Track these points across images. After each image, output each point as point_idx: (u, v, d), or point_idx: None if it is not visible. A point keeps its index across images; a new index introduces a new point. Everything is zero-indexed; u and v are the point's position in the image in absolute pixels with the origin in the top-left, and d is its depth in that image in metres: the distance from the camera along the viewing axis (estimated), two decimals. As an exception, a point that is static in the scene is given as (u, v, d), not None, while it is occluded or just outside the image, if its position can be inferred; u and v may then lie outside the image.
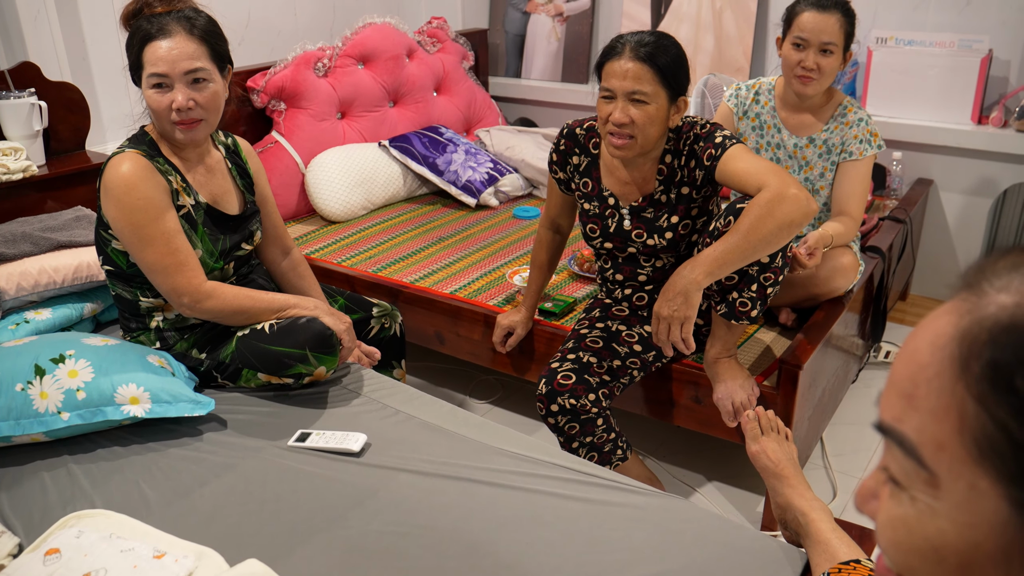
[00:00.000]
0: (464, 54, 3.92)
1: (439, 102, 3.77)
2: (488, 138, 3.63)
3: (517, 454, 1.67)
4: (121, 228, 1.78)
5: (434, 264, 2.81)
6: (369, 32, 3.51)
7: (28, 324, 2.10)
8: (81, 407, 1.69)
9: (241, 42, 3.52)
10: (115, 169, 1.76)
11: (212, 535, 1.46)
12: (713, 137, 1.91)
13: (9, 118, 2.59)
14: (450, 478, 1.59)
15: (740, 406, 1.97)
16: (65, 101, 2.78)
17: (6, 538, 1.46)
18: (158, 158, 1.83)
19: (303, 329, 1.82)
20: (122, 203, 1.75)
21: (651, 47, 1.85)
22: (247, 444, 1.72)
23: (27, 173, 2.52)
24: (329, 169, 3.20)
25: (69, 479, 1.64)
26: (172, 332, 1.93)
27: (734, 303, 1.91)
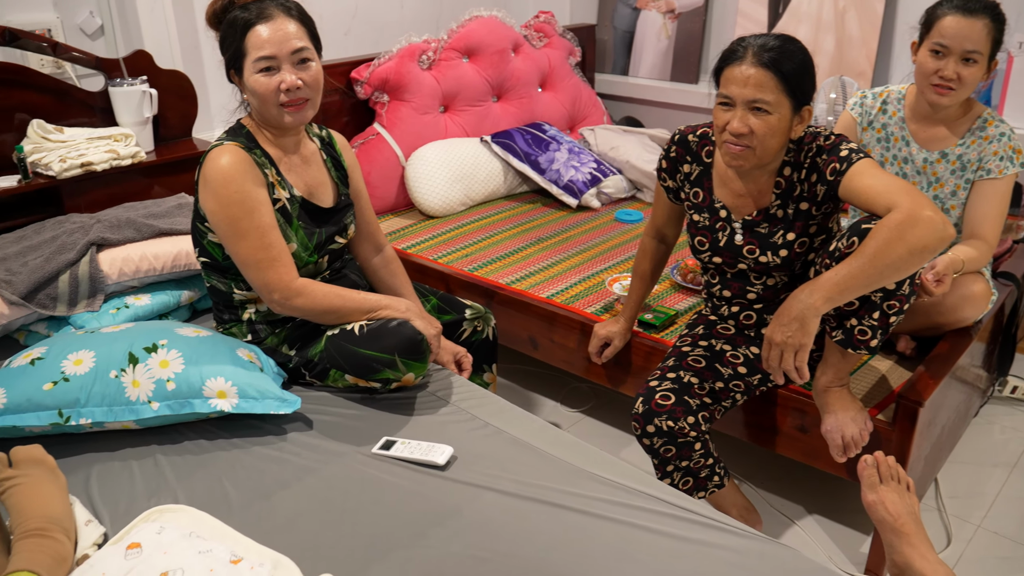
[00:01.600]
0: (571, 49, 3.83)
1: (543, 98, 3.69)
2: (592, 137, 3.53)
3: (610, 480, 1.57)
4: (217, 221, 1.77)
5: (531, 266, 2.73)
6: (475, 25, 3.45)
7: (128, 309, 2.12)
8: (170, 398, 1.68)
9: (347, 32, 3.52)
10: (214, 161, 1.75)
11: (290, 542, 1.42)
12: (838, 150, 1.77)
13: (121, 105, 2.64)
14: (537, 501, 1.51)
15: (851, 441, 1.83)
16: (175, 89, 2.82)
17: (92, 527, 1.45)
18: (255, 150, 1.81)
19: (393, 333, 1.77)
20: (219, 196, 1.74)
21: (775, 52, 1.72)
22: (331, 448, 1.68)
23: (135, 159, 2.56)
24: (429, 163, 3.16)
25: (156, 470, 1.63)
26: (264, 325, 1.91)
27: (852, 331, 1.77)
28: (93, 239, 2.14)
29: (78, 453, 1.68)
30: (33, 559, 1.29)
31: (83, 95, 2.69)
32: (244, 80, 1.77)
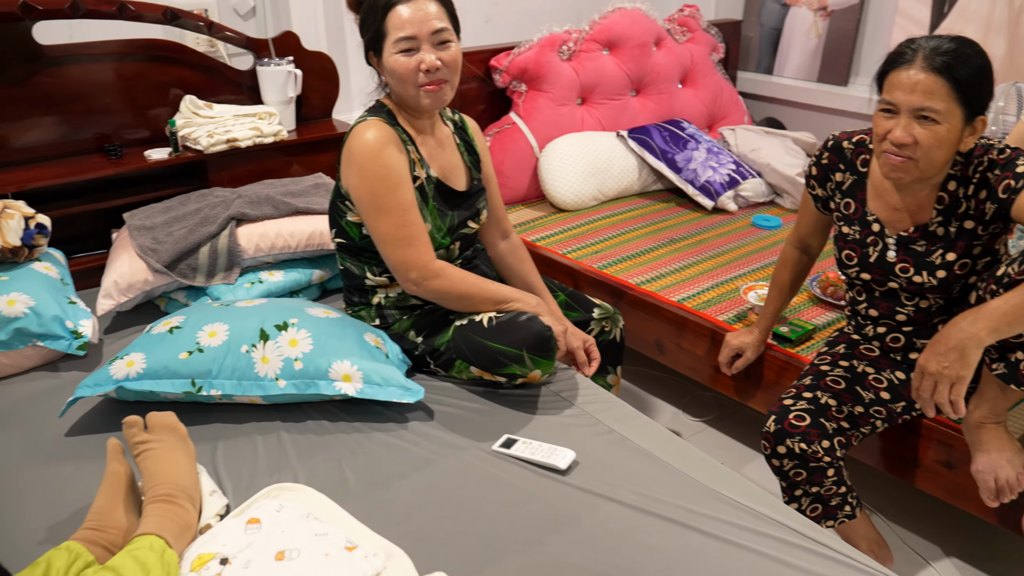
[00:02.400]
0: (714, 45, 3.70)
1: (683, 95, 3.58)
2: (732, 137, 3.40)
3: (737, 502, 1.49)
4: (360, 196, 1.77)
5: (663, 267, 2.65)
6: (618, 17, 3.38)
7: (261, 284, 2.16)
8: (297, 377, 1.70)
9: (488, 20, 3.51)
10: (360, 136, 1.75)
11: (404, 534, 1.40)
12: (1015, 165, 1.62)
13: (268, 84, 2.70)
14: (659, 517, 1.44)
15: (1005, 484, 1.68)
16: (319, 70, 2.86)
17: (216, 498, 1.48)
18: (397, 127, 1.80)
19: (522, 328, 1.73)
20: (364, 171, 1.74)
21: (950, 56, 1.57)
22: (451, 441, 1.66)
23: (277, 137, 2.61)
24: (563, 155, 3.11)
25: (279, 447, 1.65)
26: (393, 311, 1.91)
27: (1017, 365, 1.61)
28: (233, 214, 2.19)
29: (207, 423, 1.72)
30: (161, 524, 1.32)
31: (233, 73, 2.77)
32: (383, 61, 1.77)
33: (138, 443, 1.46)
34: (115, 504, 1.39)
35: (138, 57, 2.59)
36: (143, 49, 2.60)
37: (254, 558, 1.33)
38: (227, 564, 1.32)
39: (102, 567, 1.22)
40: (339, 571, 1.29)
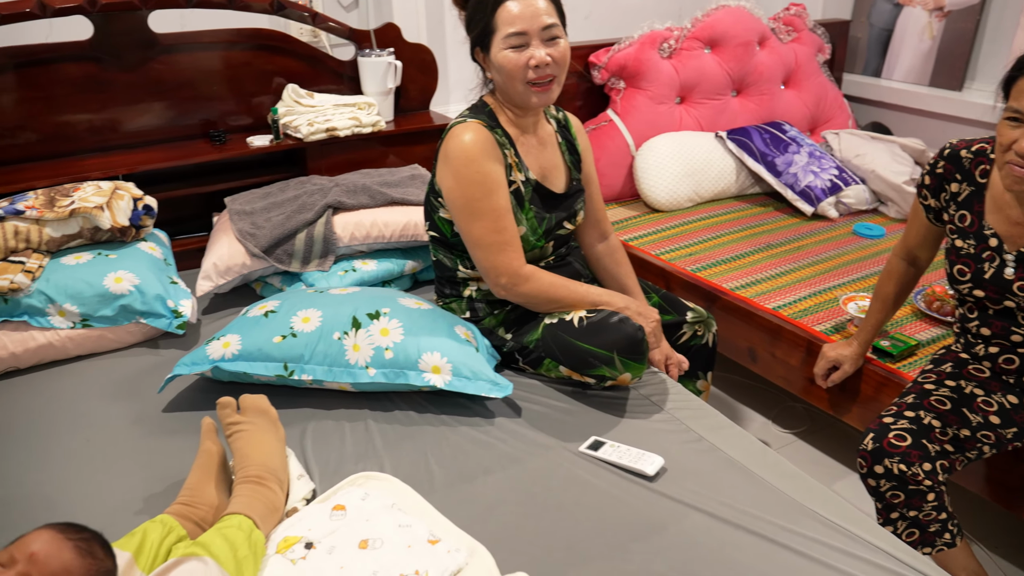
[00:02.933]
0: (820, 46, 3.58)
1: (785, 96, 3.48)
2: (836, 142, 3.28)
3: (830, 521, 1.43)
4: (454, 199, 1.76)
5: (758, 273, 2.58)
6: (721, 15, 3.30)
7: (355, 273, 2.19)
8: (387, 366, 1.70)
9: (588, 16, 3.47)
10: (457, 138, 1.74)
11: (487, 531, 1.39)
12: None
13: (368, 74, 2.73)
14: (748, 532, 1.40)
15: None
16: (418, 62, 2.88)
17: (304, 482, 1.50)
18: (497, 129, 1.79)
19: (613, 329, 1.70)
20: (460, 174, 1.73)
21: None
22: (537, 439, 1.64)
23: (375, 127, 2.64)
24: (660, 154, 3.06)
25: (366, 435, 1.66)
26: (483, 304, 1.90)
27: None
28: (330, 202, 2.22)
29: (297, 407, 1.74)
30: (250, 505, 1.34)
31: (334, 63, 2.81)
32: (491, 57, 1.75)
33: (231, 424, 1.49)
34: (207, 482, 1.43)
35: (244, 46, 2.66)
36: (249, 38, 2.66)
37: (338, 544, 1.34)
38: (312, 548, 1.34)
39: (193, 542, 1.25)
40: (421, 564, 1.29)
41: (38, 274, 1.97)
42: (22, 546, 0.98)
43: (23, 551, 0.98)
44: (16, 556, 0.97)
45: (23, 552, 0.97)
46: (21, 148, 2.51)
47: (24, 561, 0.96)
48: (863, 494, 1.79)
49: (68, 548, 1.00)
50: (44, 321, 1.94)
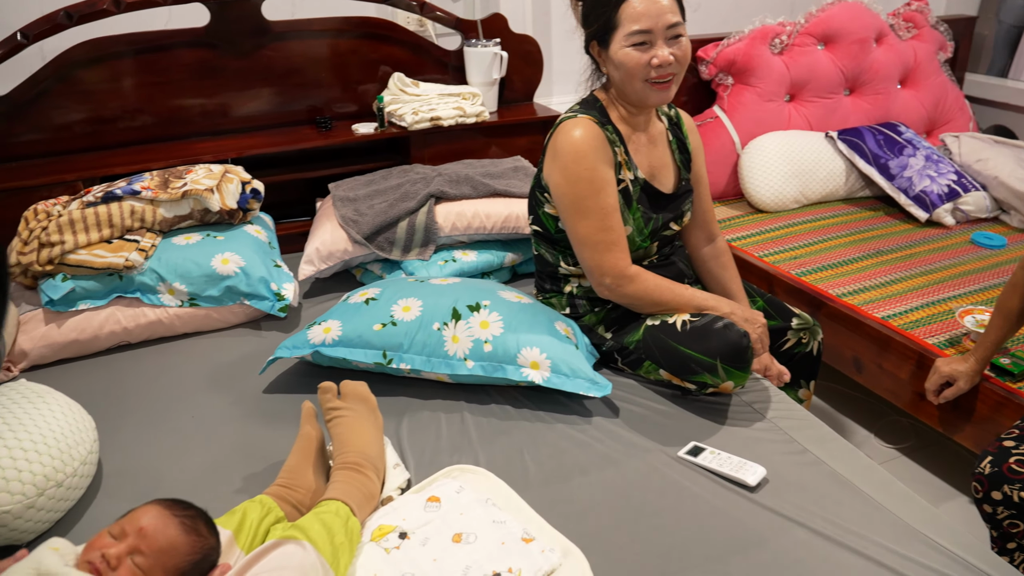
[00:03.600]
0: (942, 44, 3.42)
1: (902, 96, 3.33)
2: (956, 145, 3.13)
3: (943, 547, 1.35)
4: (561, 195, 1.74)
5: (867, 280, 2.47)
6: (837, 10, 3.18)
7: (455, 263, 2.19)
8: (485, 359, 1.69)
9: (696, 9, 3.39)
10: (567, 134, 1.71)
11: (582, 532, 1.37)
12: None
13: (473, 64, 2.72)
14: (855, 552, 1.33)
15: None
16: (523, 53, 2.86)
17: (399, 472, 1.50)
18: (607, 126, 1.75)
19: (717, 335, 1.65)
20: (568, 171, 1.71)
21: None
22: (635, 441, 1.61)
23: (479, 118, 2.63)
24: (767, 153, 2.97)
25: (461, 427, 1.65)
26: (584, 301, 1.87)
27: None
28: (433, 191, 2.22)
29: (394, 395, 1.75)
30: (347, 492, 1.35)
31: (440, 52, 2.81)
32: (610, 53, 1.71)
33: (331, 409, 1.50)
34: (305, 465, 1.44)
35: (352, 34, 2.68)
36: (357, 26, 2.68)
37: (432, 536, 1.34)
38: (406, 538, 1.34)
39: (291, 526, 1.26)
40: (514, 562, 1.27)
41: (151, 253, 2.03)
42: (132, 520, 1.01)
43: (133, 525, 1.00)
44: (127, 530, 1.00)
45: (133, 526, 1.00)
46: (138, 131, 2.60)
47: (134, 535, 0.98)
48: (971, 518, 1.69)
49: (175, 525, 1.02)
50: (155, 298, 2.00)
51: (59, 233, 1.97)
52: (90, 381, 1.88)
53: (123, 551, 0.97)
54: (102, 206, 2.04)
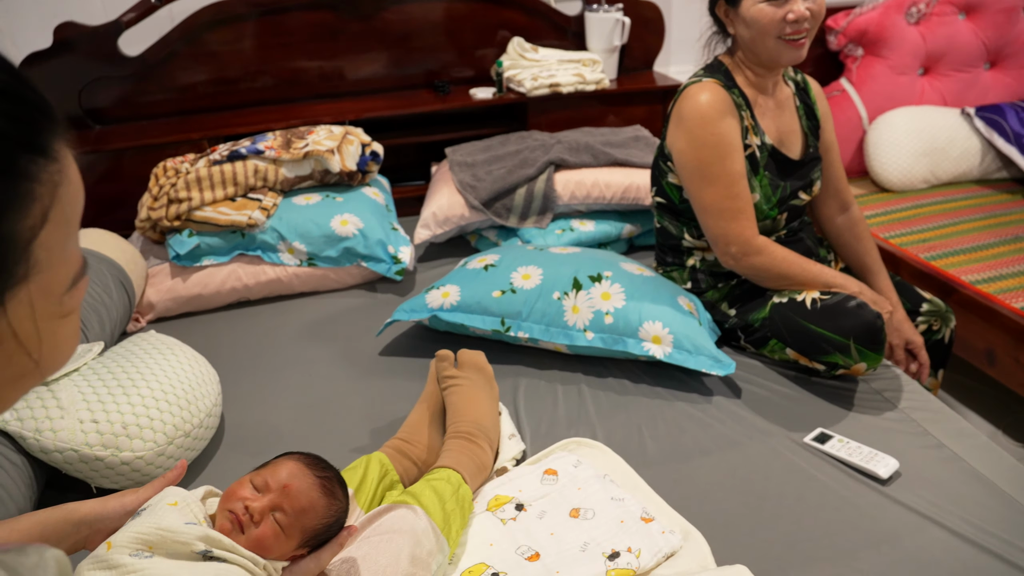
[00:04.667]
0: (1097, 17, 3.16)
1: (1049, 72, 3.11)
2: (1108, 126, 2.90)
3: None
4: (685, 162, 1.68)
5: (1004, 267, 2.32)
6: (982, -23, 2.98)
7: (572, 233, 2.15)
8: (606, 331, 1.66)
9: (829, -25, 3.23)
10: (693, 99, 1.65)
11: (702, 515, 1.33)
12: None
13: (594, 30, 2.66)
14: (996, 556, 1.25)
15: None
16: (644, 20, 2.78)
17: (514, 443, 1.48)
18: (733, 90, 1.68)
19: (851, 314, 1.57)
20: (693, 136, 1.65)
21: None
22: (758, 424, 1.55)
23: (599, 85, 2.57)
24: (896, 130, 2.82)
25: (578, 400, 1.63)
26: (707, 276, 1.82)
27: None
28: (553, 158, 2.19)
29: (509, 363, 1.73)
30: (460, 461, 1.34)
31: (560, 18, 2.76)
32: (740, 11, 1.64)
33: (447, 377, 1.50)
34: (425, 422, 1.45)
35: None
36: (477, -10, 2.66)
37: (549, 510, 1.32)
38: (522, 510, 1.32)
39: (405, 492, 1.26)
40: (634, 541, 1.24)
41: (272, 212, 2.06)
42: (275, 474, 1.02)
43: (276, 480, 1.01)
44: (270, 484, 1.00)
45: (277, 481, 1.01)
46: (259, 92, 2.64)
47: (277, 492, 0.99)
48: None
49: (316, 486, 1.02)
50: (275, 257, 2.03)
51: (187, 190, 2.02)
52: (211, 335, 1.92)
53: (266, 506, 0.98)
54: (227, 164, 2.08)
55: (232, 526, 0.96)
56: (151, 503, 0.99)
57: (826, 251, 1.95)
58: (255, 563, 0.93)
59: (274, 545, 0.97)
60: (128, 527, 0.94)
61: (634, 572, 1.20)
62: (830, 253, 1.96)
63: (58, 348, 0.52)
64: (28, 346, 0.50)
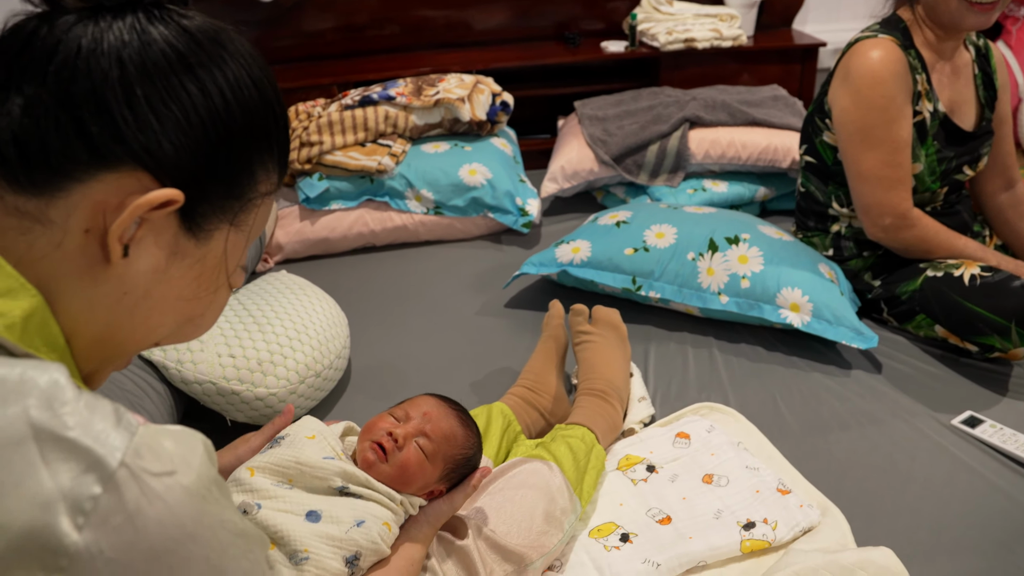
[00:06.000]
0: None
1: None
2: None
3: None
4: (847, 122, 1.58)
5: None
6: None
7: (704, 193, 2.08)
8: (741, 296, 1.60)
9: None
10: (863, 55, 1.55)
11: (840, 492, 1.27)
12: None
13: (735, -17, 2.55)
14: None
15: None
16: (786, -26, 2.65)
17: (644, 405, 1.45)
18: (910, 50, 1.57)
19: (1014, 294, 1.46)
20: (860, 96, 1.55)
21: None
22: (900, 402, 1.47)
23: (736, 42, 2.47)
24: (1057, 100, 2.62)
25: (710, 365, 1.58)
26: (851, 244, 1.72)
27: None
28: (688, 115, 2.11)
29: (639, 323, 1.69)
30: (593, 419, 1.31)
31: (697, -30, 2.66)
32: None
33: (581, 332, 1.47)
34: (549, 369, 1.43)
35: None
36: (614, -61, 2.58)
37: (681, 473, 1.29)
38: (654, 472, 1.29)
39: (539, 445, 1.24)
40: (770, 513, 1.20)
41: (401, 158, 2.06)
42: (414, 406, 1.01)
43: (417, 410, 1.00)
44: (411, 413, 1.00)
45: (417, 411, 1.00)
46: (385, 39, 2.64)
47: (419, 418, 0.99)
48: None
49: (453, 416, 1.02)
50: (402, 204, 2.04)
51: (318, 133, 2.03)
52: (337, 279, 1.94)
53: (411, 431, 0.97)
54: (359, 109, 2.08)
55: (375, 456, 0.95)
56: (290, 433, 0.99)
57: (980, 226, 1.83)
58: (391, 499, 0.93)
59: (418, 473, 0.96)
60: (268, 454, 0.95)
61: (769, 544, 1.16)
62: (985, 229, 1.83)
63: (216, 307, 0.62)
64: (227, 278, 0.61)
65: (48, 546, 0.43)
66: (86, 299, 0.53)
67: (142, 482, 0.45)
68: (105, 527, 0.44)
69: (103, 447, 0.45)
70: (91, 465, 0.44)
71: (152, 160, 0.52)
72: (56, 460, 0.44)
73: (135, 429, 0.47)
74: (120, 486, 0.45)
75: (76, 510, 0.43)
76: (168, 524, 0.46)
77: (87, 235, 0.51)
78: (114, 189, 0.51)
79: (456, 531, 1.01)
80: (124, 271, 0.53)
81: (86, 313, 0.54)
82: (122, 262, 0.53)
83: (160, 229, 0.54)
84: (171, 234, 0.55)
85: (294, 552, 0.85)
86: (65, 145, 0.50)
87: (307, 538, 0.86)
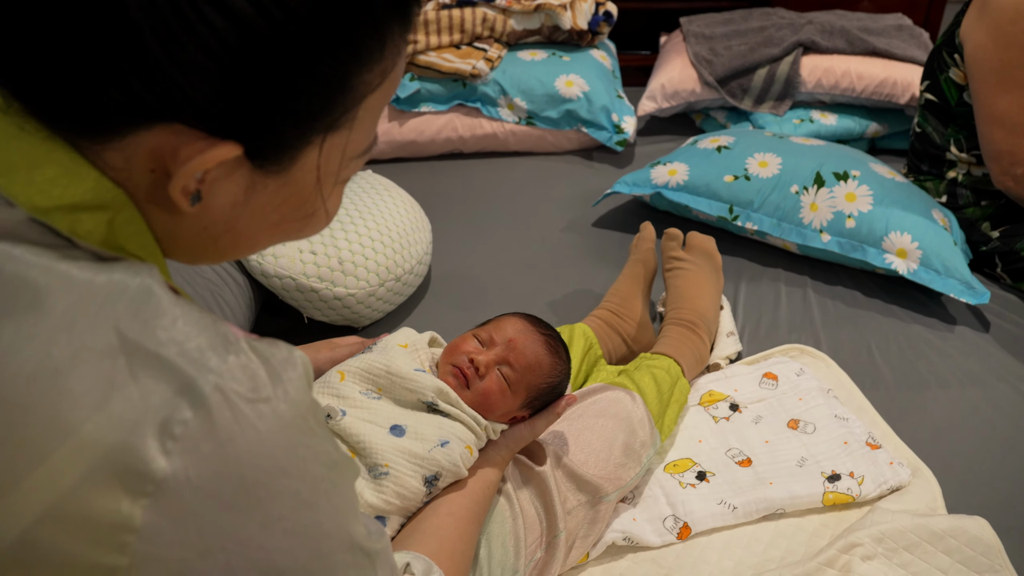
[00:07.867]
0: None
1: None
2: None
3: None
4: (983, 59, 1.45)
5: None
6: None
7: (811, 124, 1.96)
8: (844, 236, 1.50)
9: None
10: None
11: (934, 453, 1.20)
12: None
13: None
14: None
15: None
16: None
17: (732, 341, 1.39)
18: None
19: None
20: (1001, 31, 1.42)
21: None
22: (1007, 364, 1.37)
23: (863, -39, 2.30)
24: None
25: (803, 305, 1.50)
26: (968, 192, 1.61)
27: None
28: (802, 39, 1.98)
29: (732, 255, 1.62)
30: (680, 351, 1.26)
31: None
32: None
33: (673, 258, 1.40)
34: (636, 294, 1.37)
35: None
36: None
37: (765, 415, 1.24)
38: (737, 411, 1.24)
39: (622, 374, 1.20)
40: (857, 467, 1.14)
41: (496, 64, 1.98)
42: (500, 329, 0.97)
43: (502, 334, 0.96)
44: (495, 338, 0.96)
45: (502, 335, 0.96)
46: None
47: (503, 345, 0.95)
48: None
49: (540, 342, 0.97)
50: (494, 111, 1.97)
51: (412, 32, 1.96)
52: (423, 183, 1.90)
53: (492, 360, 0.93)
54: (456, 10, 2.00)
55: (456, 380, 0.93)
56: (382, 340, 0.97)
57: None
58: (477, 422, 0.90)
59: (499, 401, 0.93)
60: (359, 359, 0.93)
61: (853, 499, 1.11)
62: None
63: (327, 211, 0.54)
64: (324, 191, 0.52)
65: (134, 469, 0.40)
66: (165, 226, 0.48)
67: (236, 408, 0.42)
68: (195, 454, 0.41)
69: (197, 368, 0.42)
70: (183, 387, 0.41)
71: (193, 111, 0.43)
72: (146, 378, 0.41)
73: (232, 347, 0.44)
74: (212, 411, 0.42)
75: (165, 434, 0.40)
76: (260, 455, 0.43)
77: (153, 174, 0.45)
78: (164, 139, 0.44)
79: (534, 456, 0.99)
80: (200, 212, 0.47)
81: (167, 240, 0.49)
82: (192, 209, 0.47)
83: (229, 170, 0.46)
84: (245, 170, 0.47)
85: (374, 465, 0.83)
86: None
87: (389, 452, 0.83)
